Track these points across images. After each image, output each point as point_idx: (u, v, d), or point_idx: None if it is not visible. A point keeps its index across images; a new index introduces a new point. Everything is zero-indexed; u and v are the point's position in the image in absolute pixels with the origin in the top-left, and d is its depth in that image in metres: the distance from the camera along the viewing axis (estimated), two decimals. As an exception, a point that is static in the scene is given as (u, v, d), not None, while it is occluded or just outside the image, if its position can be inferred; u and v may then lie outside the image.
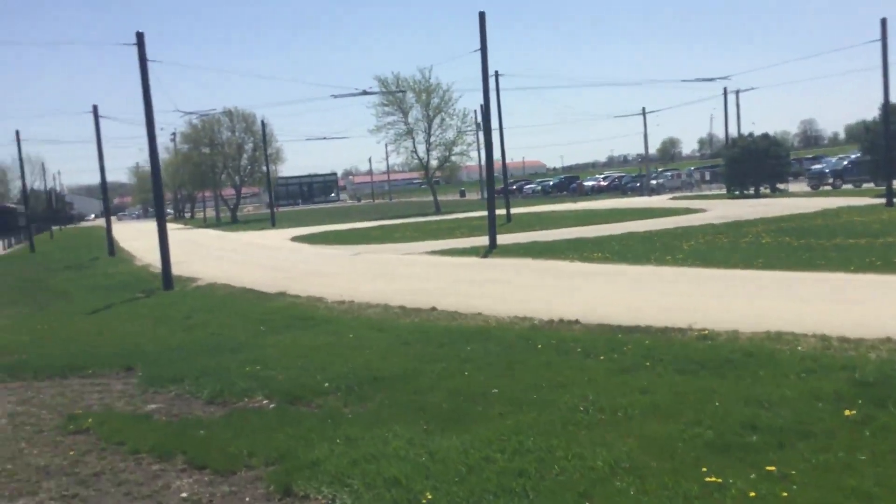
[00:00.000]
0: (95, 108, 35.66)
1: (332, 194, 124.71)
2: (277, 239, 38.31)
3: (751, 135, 48.21)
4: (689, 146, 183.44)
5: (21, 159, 47.71)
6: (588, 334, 10.13)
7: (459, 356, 9.46)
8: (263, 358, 10.25)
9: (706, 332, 9.56)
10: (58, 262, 32.80)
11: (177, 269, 21.23)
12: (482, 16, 23.62)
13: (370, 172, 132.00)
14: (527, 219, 37.55)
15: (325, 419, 7.39)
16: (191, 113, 46.94)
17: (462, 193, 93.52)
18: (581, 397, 7.32)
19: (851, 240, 18.13)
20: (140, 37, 20.05)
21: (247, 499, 5.81)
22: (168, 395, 9.03)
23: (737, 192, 46.17)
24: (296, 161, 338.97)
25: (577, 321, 10.92)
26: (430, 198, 62.73)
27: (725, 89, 56.26)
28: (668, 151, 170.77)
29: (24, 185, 52.05)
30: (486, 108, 24.38)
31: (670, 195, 54.44)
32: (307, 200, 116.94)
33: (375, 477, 5.77)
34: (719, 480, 5.26)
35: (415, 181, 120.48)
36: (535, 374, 8.34)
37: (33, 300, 19.99)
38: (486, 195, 25.73)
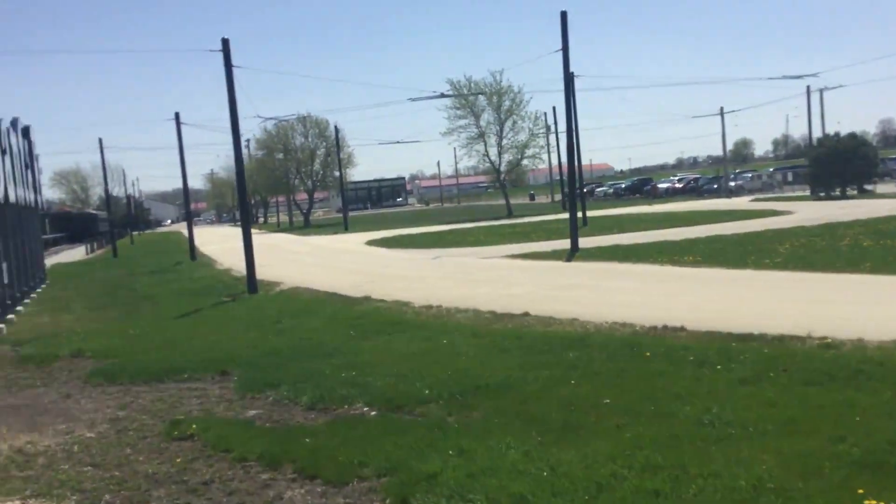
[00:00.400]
0: (177, 116, 36.34)
1: (400, 198, 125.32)
2: (352, 243, 38.45)
3: (836, 134, 46.53)
4: (761, 147, 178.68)
5: (104, 166, 49.05)
6: (697, 342, 9.63)
7: (562, 364, 9.12)
8: (359, 363, 10.07)
9: (828, 340, 8.98)
10: (141, 267, 33.47)
11: (258, 273, 21.32)
12: (564, 16, 23.13)
13: (438, 176, 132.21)
14: (603, 222, 36.81)
15: (431, 428, 7.14)
16: (270, 118, 47.41)
17: (532, 196, 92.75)
18: (703, 409, 6.89)
19: (961, 242, 17.10)
20: (225, 43, 20.13)
21: (364, 512, 5.59)
22: (266, 401, 8.92)
23: (822, 194, 44.55)
24: (363, 165, 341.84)
25: (682, 328, 10.41)
26: (499, 201, 62.45)
27: (808, 87, 54.40)
28: (741, 153, 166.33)
29: (106, 191, 53.35)
30: (568, 110, 23.93)
31: (750, 197, 52.76)
32: (375, 204, 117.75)
33: (498, 492, 5.46)
34: (880, 503, 4.81)
35: (481, 184, 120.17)
36: (647, 384, 7.94)
37: (122, 304, 20.33)
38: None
